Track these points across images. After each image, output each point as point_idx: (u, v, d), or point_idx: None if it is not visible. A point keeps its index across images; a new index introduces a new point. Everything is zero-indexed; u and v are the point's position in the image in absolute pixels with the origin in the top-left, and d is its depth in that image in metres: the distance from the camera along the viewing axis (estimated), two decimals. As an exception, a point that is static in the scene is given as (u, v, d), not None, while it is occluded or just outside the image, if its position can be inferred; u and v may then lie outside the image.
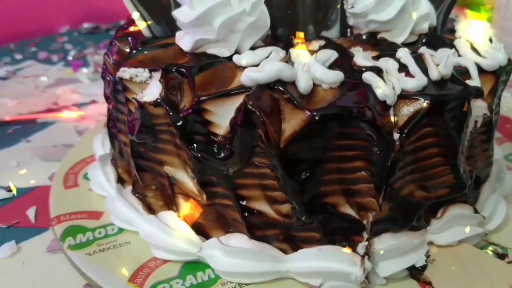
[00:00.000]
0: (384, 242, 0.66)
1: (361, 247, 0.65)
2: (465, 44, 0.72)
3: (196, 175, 0.65)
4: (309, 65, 0.62)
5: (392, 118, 0.60)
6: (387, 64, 0.64)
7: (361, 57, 0.65)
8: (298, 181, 0.61)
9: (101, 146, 0.87)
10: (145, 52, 0.71)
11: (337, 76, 0.61)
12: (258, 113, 0.58)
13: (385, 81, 0.61)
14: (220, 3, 0.66)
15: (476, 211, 0.72)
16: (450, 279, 0.66)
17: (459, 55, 0.70)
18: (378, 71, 0.62)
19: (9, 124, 1.05)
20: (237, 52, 0.68)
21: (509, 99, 1.20)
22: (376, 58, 0.66)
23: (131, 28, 0.78)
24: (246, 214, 0.65)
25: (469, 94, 0.64)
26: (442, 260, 0.68)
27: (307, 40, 0.75)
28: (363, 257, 0.65)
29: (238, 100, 0.60)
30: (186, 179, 0.68)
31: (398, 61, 0.65)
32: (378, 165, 0.61)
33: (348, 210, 0.65)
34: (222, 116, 0.61)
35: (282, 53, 0.67)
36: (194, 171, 0.65)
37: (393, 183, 0.63)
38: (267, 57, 0.65)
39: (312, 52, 0.69)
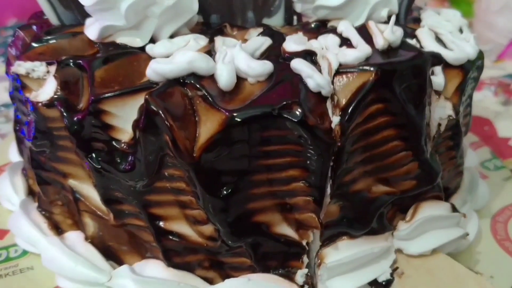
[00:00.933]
0: (337, 253, 0.55)
1: (300, 275, 0.55)
2: (429, 34, 0.61)
3: (98, 190, 0.54)
4: (233, 55, 0.51)
5: (330, 112, 0.49)
6: (326, 40, 0.54)
7: (292, 41, 0.54)
8: (220, 197, 0.50)
9: (18, 152, 0.75)
10: (49, 43, 0.59)
11: (263, 67, 0.50)
12: (163, 116, 0.47)
13: (319, 65, 0.50)
14: (129, -18, 0.54)
15: (454, 209, 0.61)
16: None
17: (420, 47, 0.59)
18: (311, 56, 0.51)
19: None
20: (153, 41, 0.57)
21: (489, 98, 1.10)
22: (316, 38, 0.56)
23: (44, 17, 0.67)
24: (162, 238, 0.54)
25: (424, 60, 0.54)
26: (411, 273, 0.57)
27: (245, 28, 0.64)
28: (302, 287, 0.54)
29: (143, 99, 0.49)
30: (93, 194, 0.56)
31: (340, 35, 0.56)
32: (316, 173, 0.50)
33: (284, 229, 0.54)
34: (124, 119, 0.50)
35: (203, 41, 0.56)
36: (96, 186, 0.54)
37: (342, 177, 0.52)
38: (185, 46, 0.54)
39: (247, 42, 0.58)
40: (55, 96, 0.53)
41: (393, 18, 0.56)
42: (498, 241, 0.65)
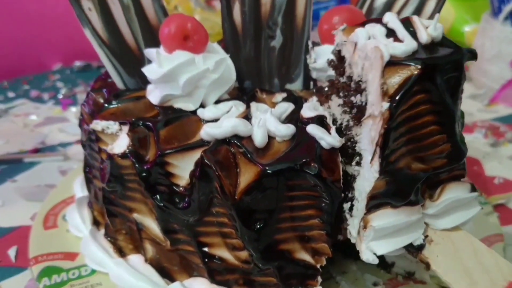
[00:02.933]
0: (381, 219, 0.62)
1: (315, 292, 0.69)
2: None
3: (160, 223, 0.69)
4: (265, 119, 0.67)
5: (379, 99, 0.58)
6: (374, 30, 0.62)
7: (307, 108, 0.69)
8: (254, 230, 0.65)
9: (80, 188, 0.92)
10: (117, 105, 0.76)
11: (287, 130, 0.65)
12: (214, 168, 0.62)
13: (330, 125, 0.65)
14: (186, 62, 0.71)
15: (473, 188, 0.67)
16: (448, 264, 0.63)
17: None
18: (323, 120, 0.67)
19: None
20: (202, 105, 0.73)
21: (479, 140, 1.24)
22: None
23: (109, 80, 0.83)
24: (207, 260, 0.69)
25: (462, 56, 0.60)
26: (439, 241, 0.65)
27: (272, 92, 0.80)
28: (317, 301, 0.68)
29: (198, 154, 0.65)
30: (153, 225, 0.72)
31: (385, 26, 0.63)
32: (328, 213, 0.65)
33: (303, 255, 0.69)
34: (183, 168, 0.66)
35: (242, 107, 0.72)
36: (158, 219, 0.69)
37: (389, 156, 0.60)
38: (228, 111, 0.70)
39: (274, 104, 0.74)
40: (128, 150, 0.69)
41: (437, 16, 0.62)
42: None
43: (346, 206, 0.66)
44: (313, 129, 0.65)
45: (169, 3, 1.47)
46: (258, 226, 0.65)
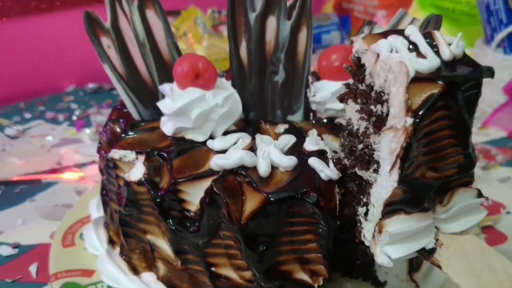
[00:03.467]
0: (395, 224, 0.65)
1: (313, 309, 0.76)
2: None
3: (171, 244, 0.76)
4: (269, 151, 0.74)
5: (403, 114, 0.60)
6: (396, 42, 0.63)
7: (310, 142, 0.76)
8: (257, 252, 0.72)
9: (96, 209, 0.99)
10: (134, 135, 0.83)
11: (290, 161, 0.72)
12: (222, 196, 0.69)
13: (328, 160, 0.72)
14: (197, 98, 0.78)
15: (480, 194, 0.69)
16: (459, 266, 0.65)
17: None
18: (323, 154, 0.74)
19: (16, 184, 1.17)
20: (211, 136, 0.80)
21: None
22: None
23: (125, 109, 0.91)
24: (214, 279, 0.76)
25: (481, 74, 0.62)
26: (449, 245, 0.68)
27: (275, 123, 0.87)
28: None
29: (208, 182, 0.72)
30: (165, 246, 0.79)
31: (407, 38, 0.64)
32: (324, 238, 0.72)
33: (302, 276, 0.75)
34: (194, 195, 0.73)
35: (248, 139, 0.79)
36: (170, 241, 0.76)
37: (408, 167, 0.62)
38: (235, 143, 0.77)
39: (277, 135, 0.81)
40: (144, 178, 0.76)
41: (460, 34, 0.63)
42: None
43: (362, 210, 0.69)
44: (314, 162, 0.72)
45: (178, 30, 1.55)
46: (261, 249, 0.72)
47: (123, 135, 0.83)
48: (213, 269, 0.76)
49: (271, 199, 0.69)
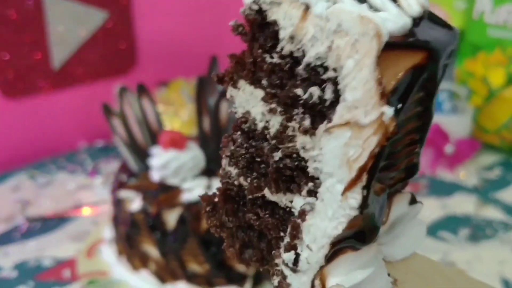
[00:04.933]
0: (343, 271, 0.45)
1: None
2: None
3: (159, 249, 1.21)
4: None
5: (374, 102, 0.40)
6: None
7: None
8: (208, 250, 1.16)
9: (110, 232, 1.43)
10: (135, 183, 1.28)
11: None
12: (188, 218, 1.14)
13: None
14: (174, 156, 1.24)
15: (414, 199, 0.50)
16: None
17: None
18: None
19: (50, 220, 1.61)
20: (184, 181, 1.26)
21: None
22: None
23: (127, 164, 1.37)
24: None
25: (457, 37, 0.44)
26: (405, 279, 0.50)
27: (227, 171, 1.32)
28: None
29: (180, 210, 1.16)
30: (154, 252, 1.23)
31: None
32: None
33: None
34: (171, 218, 1.18)
35: (206, 181, 1.24)
36: (158, 247, 1.20)
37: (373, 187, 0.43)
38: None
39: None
40: (140, 209, 1.21)
41: None
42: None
43: (288, 257, 0.47)
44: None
45: (168, 98, 2.01)
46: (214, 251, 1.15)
47: (127, 182, 1.29)
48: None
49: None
